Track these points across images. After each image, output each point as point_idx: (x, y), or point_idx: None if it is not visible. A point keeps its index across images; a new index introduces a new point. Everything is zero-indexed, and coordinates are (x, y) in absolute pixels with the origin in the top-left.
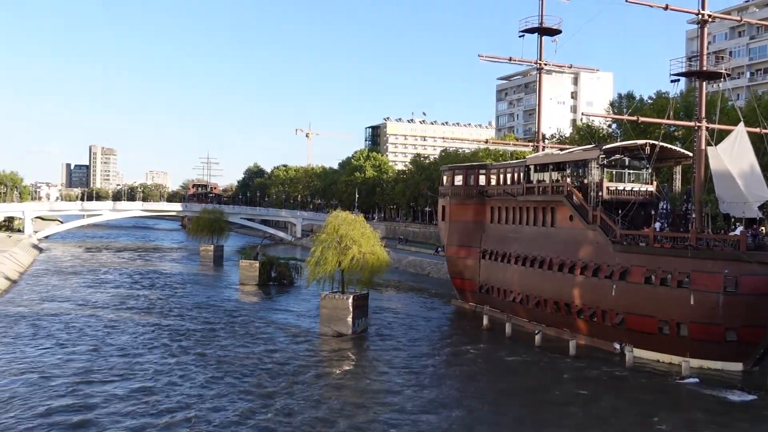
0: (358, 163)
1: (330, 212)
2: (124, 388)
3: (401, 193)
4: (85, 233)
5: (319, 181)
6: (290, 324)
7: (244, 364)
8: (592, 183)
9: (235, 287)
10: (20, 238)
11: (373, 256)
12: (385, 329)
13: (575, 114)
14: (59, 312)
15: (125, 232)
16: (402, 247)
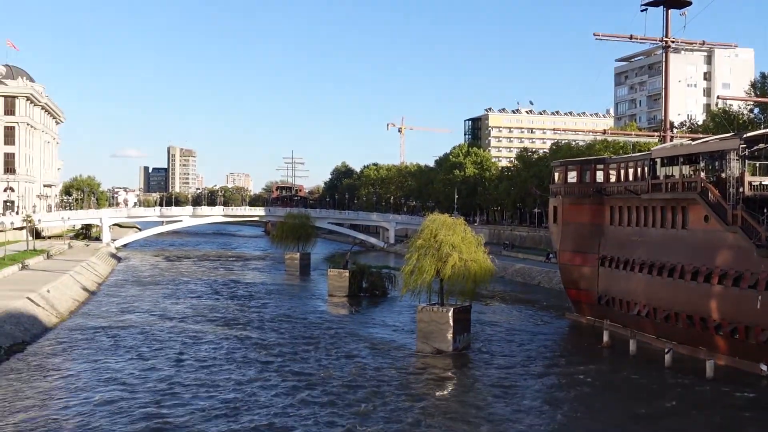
0: (457, 160)
1: (426, 215)
2: (205, 401)
3: (506, 193)
4: (163, 241)
5: (414, 181)
6: (383, 339)
7: (330, 382)
8: (731, 177)
9: (323, 298)
10: (98, 246)
11: (475, 264)
12: (490, 346)
13: (709, 98)
14: (139, 324)
15: (206, 239)
16: (508, 254)
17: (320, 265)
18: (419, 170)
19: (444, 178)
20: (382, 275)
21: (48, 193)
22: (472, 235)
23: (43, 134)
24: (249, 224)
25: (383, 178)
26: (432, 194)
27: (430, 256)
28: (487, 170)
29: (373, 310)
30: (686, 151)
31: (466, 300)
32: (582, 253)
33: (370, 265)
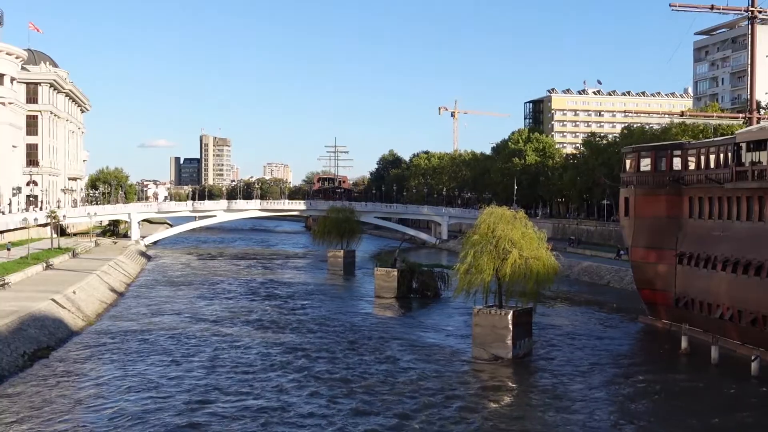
0: (517, 147)
1: (482, 208)
2: (241, 410)
3: (571, 183)
4: (196, 237)
5: (469, 171)
6: (435, 345)
7: (376, 391)
8: None
9: (369, 300)
10: (126, 244)
11: (537, 262)
12: (554, 352)
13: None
14: (170, 327)
15: (241, 236)
16: (573, 251)
17: (366, 264)
18: (474, 158)
19: (502, 167)
20: (434, 274)
21: (73, 187)
22: (533, 230)
23: (68, 123)
24: (288, 219)
25: (435, 168)
26: (489, 185)
27: (487, 253)
28: (550, 158)
29: (424, 313)
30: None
31: (527, 302)
32: (657, 249)
33: (420, 264)
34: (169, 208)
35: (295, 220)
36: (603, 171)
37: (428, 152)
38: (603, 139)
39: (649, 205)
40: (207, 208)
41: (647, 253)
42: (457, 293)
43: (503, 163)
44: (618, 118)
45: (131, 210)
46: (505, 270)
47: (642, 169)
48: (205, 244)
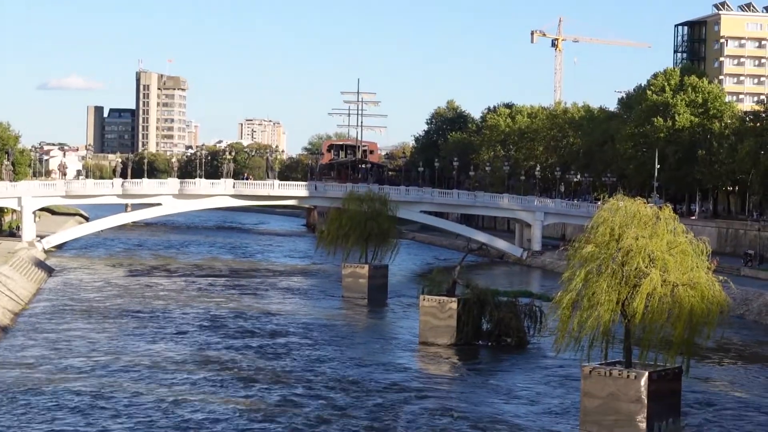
0: (661, 99)
1: (602, 200)
2: None
3: (750, 161)
4: (129, 239)
5: (580, 137)
6: (519, 426)
7: None
8: None
9: (411, 347)
10: (13, 247)
11: (692, 293)
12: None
13: None
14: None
15: (202, 238)
16: (752, 273)
17: (405, 288)
18: (589, 118)
19: (635, 131)
20: (519, 309)
21: None
22: (686, 238)
23: None
24: (279, 212)
25: (523, 132)
26: (613, 161)
27: (607, 276)
28: (717, 118)
29: (502, 372)
30: None
31: (673, 359)
32: None
33: (496, 291)
34: (84, 189)
35: (291, 214)
36: None
37: (512, 106)
38: None
39: None
40: (146, 191)
41: None
42: (557, 343)
43: (637, 127)
44: None
45: (22, 192)
46: (636, 305)
47: None
48: (141, 251)
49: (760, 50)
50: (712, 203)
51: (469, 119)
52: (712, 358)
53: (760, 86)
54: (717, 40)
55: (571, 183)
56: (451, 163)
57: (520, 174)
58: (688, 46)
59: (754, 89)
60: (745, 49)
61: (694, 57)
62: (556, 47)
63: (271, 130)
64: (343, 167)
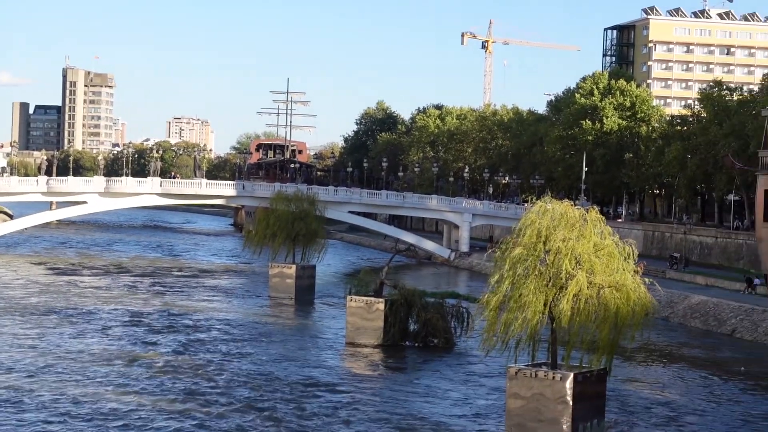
0: (589, 103)
1: (530, 202)
2: None
3: (677, 164)
4: (53, 237)
5: (509, 140)
6: (446, 427)
7: None
8: None
9: (337, 349)
10: None
11: (618, 295)
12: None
13: None
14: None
15: (128, 237)
16: (677, 276)
17: (333, 289)
18: (518, 120)
19: (564, 134)
20: (446, 310)
21: None
22: (613, 240)
23: None
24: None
25: (452, 134)
26: (541, 164)
27: (535, 277)
28: (644, 122)
29: (429, 373)
30: None
31: (598, 360)
32: None
33: (424, 291)
34: (8, 187)
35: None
36: (732, 146)
37: (442, 107)
38: (733, 93)
39: None
40: (71, 189)
41: None
42: (484, 344)
43: (566, 129)
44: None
45: None
46: (563, 306)
47: None
48: (66, 249)
49: (687, 55)
50: (639, 206)
51: (398, 120)
52: (637, 359)
53: (687, 90)
54: (645, 45)
55: (499, 185)
56: (380, 164)
57: (448, 175)
58: (617, 49)
59: (681, 93)
60: (673, 54)
61: (623, 61)
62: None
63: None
64: (272, 167)
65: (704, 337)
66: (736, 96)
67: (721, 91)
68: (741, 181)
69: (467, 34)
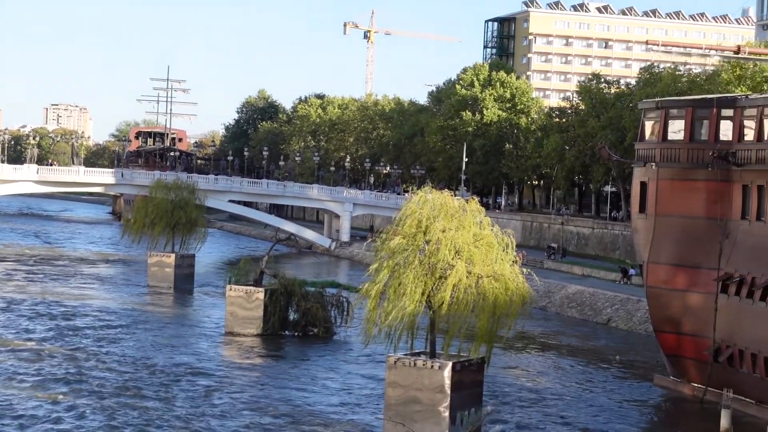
0: (470, 94)
1: (410, 192)
2: None
3: (555, 156)
4: None
5: (390, 130)
6: (324, 418)
7: None
8: None
9: (216, 338)
10: None
11: (496, 285)
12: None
13: None
14: None
15: (5, 225)
16: (555, 266)
17: (212, 278)
18: (399, 110)
19: (444, 125)
20: (326, 300)
21: None
22: (492, 231)
23: None
24: (85, 199)
25: (334, 123)
26: (422, 154)
27: (414, 267)
28: (524, 113)
29: (308, 362)
30: None
31: (477, 349)
32: (689, 268)
33: (304, 281)
34: None
35: (97, 202)
36: (609, 138)
37: (324, 96)
38: (611, 86)
39: (680, 197)
40: None
41: (673, 273)
42: (365, 334)
43: (446, 120)
44: (636, 52)
45: None
46: (442, 295)
47: (671, 138)
48: None
49: (567, 48)
50: (518, 197)
51: (279, 109)
52: (515, 348)
53: (566, 83)
54: (525, 37)
55: (380, 175)
56: (261, 153)
57: (330, 165)
58: (497, 41)
59: (560, 86)
60: (552, 47)
61: (503, 53)
62: (369, 39)
63: (77, 115)
64: (151, 155)
65: (580, 326)
66: (613, 89)
67: (599, 84)
68: (617, 173)
69: (349, 24)
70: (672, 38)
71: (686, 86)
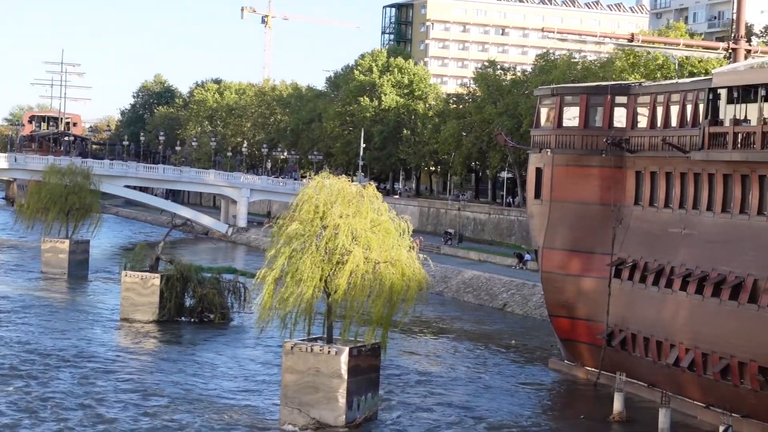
0: (368, 80)
1: (307, 178)
2: None
3: (453, 142)
4: None
5: (288, 115)
6: (222, 404)
7: None
8: None
9: (111, 324)
10: None
11: (393, 270)
12: (413, 418)
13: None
14: None
15: None
16: (452, 252)
17: (107, 264)
18: (297, 96)
19: (342, 110)
20: (223, 285)
21: None
22: (390, 216)
23: None
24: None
25: (231, 108)
26: (319, 140)
27: (311, 253)
28: (421, 99)
29: (205, 348)
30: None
31: (373, 335)
32: (583, 253)
33: (200, 267)
34: None
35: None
36: (505, 124)
37: (221, 81)
38: (507, 72)
39: (574, 183)
40: None
41: (567, 259)
42: (260, 320)
43: (344, 106)
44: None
45: None
46: (339, 282)
47: (566, 124)
48: None
49: (464, 34)
50: (416, 183)
51: (176, 94)
52: (412, 333)
53: (463, 69)
54: (423, 23)
55: (278, 160)
56: (157, 138)
57: (227, 150)
58: (395, 27)
59: (457, 72)
60: (449, 33)
61: (401, 39)
62: (266, 24)
63: None
64: (45, 139)
65: (477, 311)
66: (509, 76)
67: (495, 71)
68: (514, 159)
69: (247, 9)
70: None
71: (581, 74)
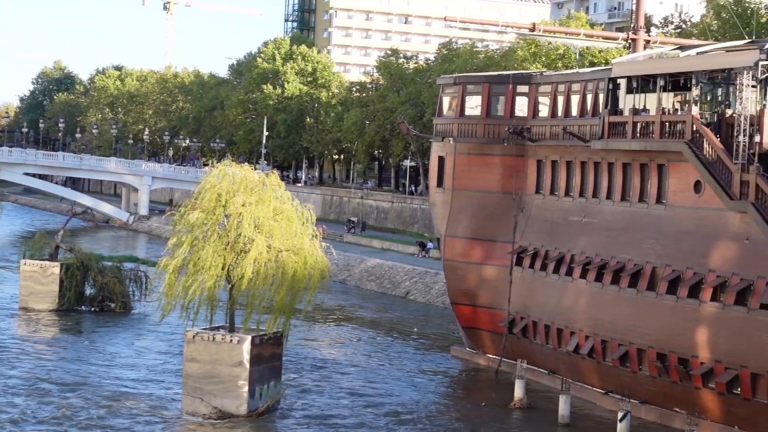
0: (271, 67)
1: (210, 166)
2: None
3: (356, 130)
4: None
5: (190, 103)
6: (122, 393)
7: None
8: (742, 117)
9: (11, 313)
10: None
11: (295, 258)
12: (315, 406)
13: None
14: None
15: None
16: (355, 240)
17: (6, 252)
18: (199, 83)
19: (245, 98)
20: (124, 274)
21: None
22: (292, 205)
23: None
24: None
25: (132, 95)
26: (222, 127)
27: (213, 242)
28: (324, 87)
29: (105, 337)
30: (671, 68)
31: (275, 323)
32: (484, 242)
33: (101, 255)
34: None
35: None
36: (408, 113)
37: (122, 68)
38: (410, 61)
39: (476, 171)
40: None
41: (469, 247)
42: (163, 309)
43: (247, 93)
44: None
45: None
46: (242, 270)
47: (468, 113)
48: None
49: (367, 23)
50: (319, 171)
51: (76, 80)
52: (315, 321)
53: (366, 58)
54: (326, 11)
55: (179, 148)
56: (57, 125)
57: (128, 138)
58: (298, 15)
59: (361, 61)
60: (353, 21)
61: (305, 26)
62: (168, 10)
63: None
64: None
65: (379, 299)
66: (412, 64)
67: (398, 60)
68: (417, 148)
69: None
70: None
71: (483, 62)
